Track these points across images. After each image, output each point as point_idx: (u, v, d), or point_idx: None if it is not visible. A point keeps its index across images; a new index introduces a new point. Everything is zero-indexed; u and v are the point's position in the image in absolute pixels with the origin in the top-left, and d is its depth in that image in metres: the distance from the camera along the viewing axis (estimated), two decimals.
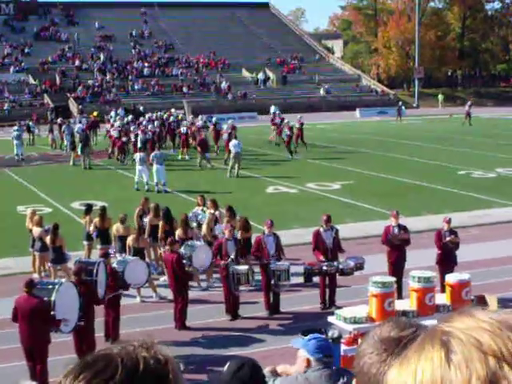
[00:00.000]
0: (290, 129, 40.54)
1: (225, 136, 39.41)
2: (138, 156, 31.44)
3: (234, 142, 34.80)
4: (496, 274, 17.47)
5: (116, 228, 17.96)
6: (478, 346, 1.18)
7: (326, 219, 15.92)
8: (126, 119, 45.69)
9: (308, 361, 6.46)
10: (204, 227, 18.46)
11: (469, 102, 59.40)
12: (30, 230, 18.62)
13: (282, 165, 36.70)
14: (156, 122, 43.33)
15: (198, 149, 37.00)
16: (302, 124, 41.90)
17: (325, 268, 15.49)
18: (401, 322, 2.06)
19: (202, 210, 19.72)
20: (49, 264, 17.65)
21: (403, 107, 67.71)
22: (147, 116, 46.58)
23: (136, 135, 39.06)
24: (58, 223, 17.81)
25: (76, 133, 41.68)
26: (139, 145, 36.81)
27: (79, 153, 38.21)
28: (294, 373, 6.54)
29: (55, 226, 17.41)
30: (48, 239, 17.39)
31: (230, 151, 35.09)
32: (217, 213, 18.75)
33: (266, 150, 42.34)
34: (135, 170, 31.04)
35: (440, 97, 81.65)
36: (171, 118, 45.14)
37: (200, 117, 45.99)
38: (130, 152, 38.92)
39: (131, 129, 41.43)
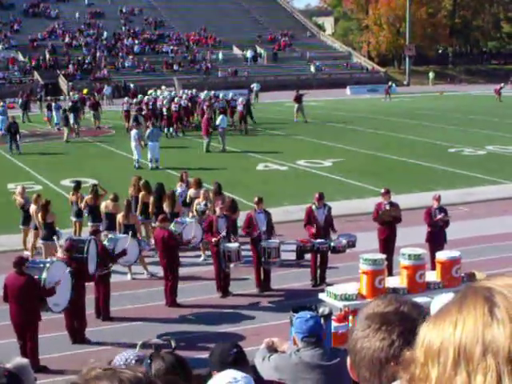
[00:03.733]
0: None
1: (240, 108, 39.68)
2: (132, 133, 31.06)
3: (221, 117, 34.67)
4: (486, 251, 17.52)
5: (105, 205, 17.81)
6: None
7: (319, 197, 15.88)
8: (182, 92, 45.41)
9: (295, 339, 6.46)
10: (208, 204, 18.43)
11: (505, 84, 60.37)
12: (22, 207, 18.51)
13: (272, 142, 36.60)
14: (184, 96, 43.07)
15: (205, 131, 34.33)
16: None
17: (317, 245, 15.52)
18: (386, 298, 2.09)
19: (187, 186, 19.68)
20: (40, 241, 17.50)
21: (394, 85, 67.62)
22: (173, 93, 45.84)
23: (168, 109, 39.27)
24: (49, 199, 17.72)
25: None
26: (132, 122, 35.60)
27: (72, 122, 38.67)
28: (287, 349, 6.52)
29: (46, 202, 17.27)
30: (39, 216, 17.28)
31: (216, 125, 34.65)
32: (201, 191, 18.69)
33: (257, 126, 42.22)
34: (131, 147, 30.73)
35: (431, 74, 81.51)
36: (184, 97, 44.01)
37: (193, 91, 45.62)
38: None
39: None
